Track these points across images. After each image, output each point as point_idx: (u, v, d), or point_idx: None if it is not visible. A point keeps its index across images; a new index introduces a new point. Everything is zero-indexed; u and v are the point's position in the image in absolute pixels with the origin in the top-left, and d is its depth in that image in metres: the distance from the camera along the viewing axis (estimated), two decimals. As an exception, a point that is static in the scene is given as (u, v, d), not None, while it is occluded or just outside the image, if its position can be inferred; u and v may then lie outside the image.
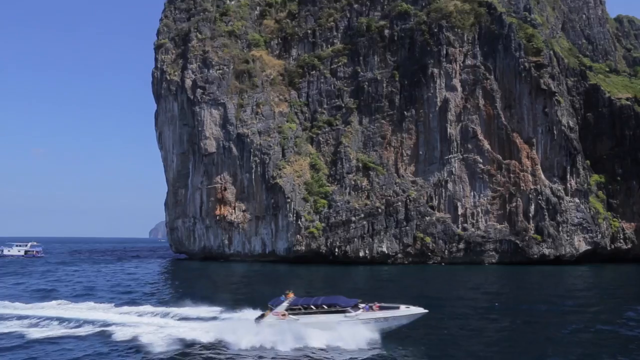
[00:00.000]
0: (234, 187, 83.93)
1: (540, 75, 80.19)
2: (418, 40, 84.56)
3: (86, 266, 76.43)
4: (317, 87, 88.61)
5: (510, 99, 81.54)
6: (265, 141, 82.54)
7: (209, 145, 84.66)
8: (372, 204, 79.12)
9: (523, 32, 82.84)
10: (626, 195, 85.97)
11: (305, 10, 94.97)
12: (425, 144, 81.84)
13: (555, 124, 79.69)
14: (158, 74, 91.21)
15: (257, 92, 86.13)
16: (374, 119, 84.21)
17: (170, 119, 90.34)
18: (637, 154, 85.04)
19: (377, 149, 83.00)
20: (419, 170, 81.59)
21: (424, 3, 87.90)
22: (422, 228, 78.06)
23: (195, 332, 24.92)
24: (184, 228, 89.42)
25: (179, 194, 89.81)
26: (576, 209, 78.96)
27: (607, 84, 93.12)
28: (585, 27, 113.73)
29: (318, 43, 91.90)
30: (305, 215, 78.23)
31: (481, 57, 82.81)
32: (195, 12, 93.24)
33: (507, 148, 79.92)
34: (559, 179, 79.88)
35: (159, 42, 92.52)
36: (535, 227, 77.11)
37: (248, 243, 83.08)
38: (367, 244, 77.39)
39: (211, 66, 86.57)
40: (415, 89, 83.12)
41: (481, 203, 78.90)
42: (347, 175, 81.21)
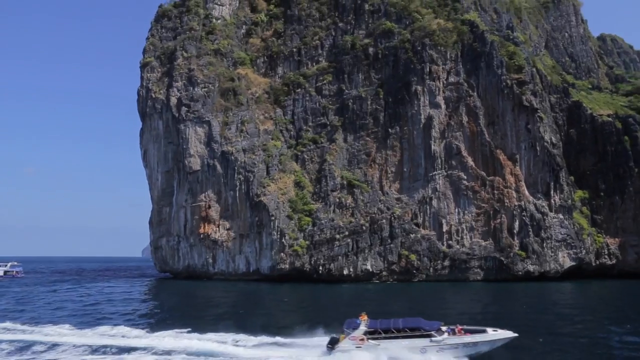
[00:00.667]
0: (218, 205, 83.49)
1: (523, 92, 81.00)
2: (402, 58, 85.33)
3: (65, 286, 75.29)
4: (303, 104, 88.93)
5: (493, 115, 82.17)
6: (250, 159, 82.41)
7: (194, 163, 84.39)
8: (357, 221, 78.86)
9: (505, 49, 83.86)
10: (610, 210, 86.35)
11: (291, 28, 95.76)
12: (410, 160, 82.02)
13: (538, 140, 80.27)
14: (143, 92, 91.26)
15: (242, 110, 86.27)
16: (359, 137, 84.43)
17: (155, 137, 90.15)
18: (619, 169, 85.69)
19: (361, 166, 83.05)
20: (404, 187, 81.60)
21: (408, 22, 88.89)
22: (407, 245, 77.78)
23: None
24: (168, 247, 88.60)
25: (163, 212, 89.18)
26: (560, 225, 79.14)
27: (590, 100, 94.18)
28: (568, 45, 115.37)
29: (303, 61, 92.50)
30: (289, 233, 77.78)
31: (464, 74, 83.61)
32: (182, 31, 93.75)
33: (490, 164, 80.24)
34: (543, 195, 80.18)
35: (145, 60, 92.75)
36: (519, 243, 77.07)
37: (232, 262, 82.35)
38: (351, 261, 76.92)
39: (196, 84, 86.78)
40: (399, 107, 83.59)
41: (466, 220, 78.86)
42: (331, 193, 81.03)
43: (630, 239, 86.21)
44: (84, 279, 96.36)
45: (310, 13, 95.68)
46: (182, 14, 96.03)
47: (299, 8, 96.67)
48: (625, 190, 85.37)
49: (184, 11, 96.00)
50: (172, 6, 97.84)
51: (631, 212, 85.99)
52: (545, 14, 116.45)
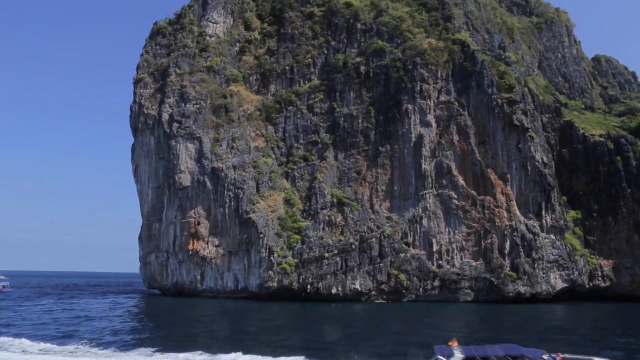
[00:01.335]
0: (207, 221, 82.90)
1: (513, 111, 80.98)
2: (393, 76, 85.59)
3: (50, 301, 74.38)
4: (294, 122, 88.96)
5: (484, 134, 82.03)
6: (240, 176, 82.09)
7: (184, 179, 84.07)
8: (346, 240, 78.15)
9: (495, 69, 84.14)
10: (603, 231, 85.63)
11: (284, 47, 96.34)
12: (400, 179, 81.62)
13: (529, 160, 79.96)
14: (136, 108, 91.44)
15: (234, 126, 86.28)
16: (349, 155, 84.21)
17: (147, 152, 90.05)
18: (612, 190, 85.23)
19: (352, 184, 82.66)
20: (394, 206, 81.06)
21: (400, 41, 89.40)
22: (397, 265, 76.94)
23: None
24: (157, 263, 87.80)
25: (152, 228, 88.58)
26: (552, 246, 78.37)
27: (582, 120, 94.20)
28: (561, 66, 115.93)
29: (296, 79, 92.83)
30: (277, 251, 77.03)
31: (455, 93, 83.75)
32: (175, 48, 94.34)
33: (481, 184, 79.81)
34: (534, 215, 79.56)
35: (138, 76, 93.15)
36: (510, 264, 76.21)
37: (220, 279, 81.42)
38: (339, 280, 76.00)
39: (188, 100, 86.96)
40: (390, 125, 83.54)
41: (456, 239, 78.13)
42: (321, 211, 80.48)
43: (624, 260, 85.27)
44: (71, 294, 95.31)
45: (303, 31, 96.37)
46: (176, 31, 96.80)
47: (292, 26, 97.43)
48: (618, 211, 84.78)
49: (178, 28, 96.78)
50: (167, 23, 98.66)
51: (624, 234, 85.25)
52: (538, 34, 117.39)
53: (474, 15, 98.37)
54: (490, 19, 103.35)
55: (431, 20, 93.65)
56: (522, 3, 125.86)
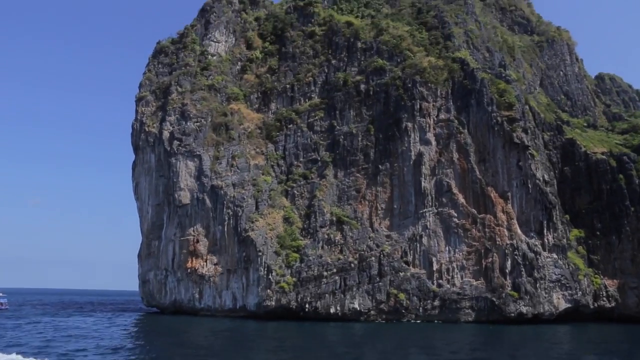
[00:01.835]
0: (206, 239, 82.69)
1: (513, 129, 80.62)
2: (393, 95, 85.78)
3: (46, 319, 73.99)
4: (294, 140, 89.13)
5: (484, 152, 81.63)
6: (239, 193, 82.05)
7: (183, 196, 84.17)
8: (345, 258, 77.50)
9: (495, 87, 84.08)
10: (607, 250, 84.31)
11: (285, 65, 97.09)
12: (400, 197, 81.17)
13: (530, 178, 79.28)
14: (137, 126, 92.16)
15: (234, 144, 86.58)
16: (349, 173, 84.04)
17: (147, 170, 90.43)
18: (615, 208, 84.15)
19: (351, 202, 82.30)
20: (394, 225, 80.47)
21: (399, 59, 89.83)
22: (396, 284, 76.01)
23: None
24: (156, 281, 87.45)
25: (152, 246, 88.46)
26: (554, 265, 77.18)
27: (584, 138, 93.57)
28: (563, 84, 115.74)
29: (296, 97, 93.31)
30: (276, 270, 76.46)
31: (455, 111, 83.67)
32: (177, 67, 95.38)
33: (482, 202, 79.13)
34: (536, 234, 78.57)
35: (140, 94, 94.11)
36: (512, 283, 75.01)
37: (219, 297, 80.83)
38: (338, 300, 75.11)
39: (189, 118, 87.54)
40: (389, 143, 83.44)
41: (456, 258, 77.23)
42: (320, 229, 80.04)
43: (630, 280, 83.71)
44: (67, 311, 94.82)
45: (304, 50, 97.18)
46: (178, 50, 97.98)
47: (294, 45, 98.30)
48: (622, 229, 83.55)
49: (181, 47, 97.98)
50: (170, 42, 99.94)
51: (629, 253, 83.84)
52: (540, 53, 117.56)
53: (474, 34, 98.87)
54: (490, 37, 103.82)
55: (431, 39, 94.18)
56: (524, 22, 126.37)
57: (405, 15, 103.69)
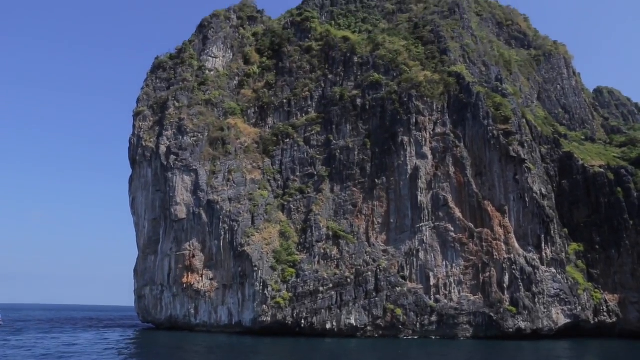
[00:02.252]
0: (202, 254, 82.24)
1: (509, 142, 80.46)
2: (389, 109, 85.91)
3: (39, 335, 73.29)
4: (291, 155, 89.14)
5: (480, 166, 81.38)
6: (235, 208, 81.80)
7: (180, 211, 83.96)
8: (342, 273, 76.91)
9: (491, 100, 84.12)
10: (606, 264, 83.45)
11: (282, 80, 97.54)
12: (397, 212, 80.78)
13: (527, 191, 78.87)
14: (135, 140, 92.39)
15: (230, 159, 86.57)
16: (346, 187, 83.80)
17: (144, 184, 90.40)
18: (613, 221, 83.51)
19: (348, 217, 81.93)
20: (391, 239, 79.97)
21: (396, 73, 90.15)
22: (393, 299, 75.26)
23: None
24: (152, 296, 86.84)
25: (148, 261, 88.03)
26: (552, 280, 76.40)
27: (581, 151, 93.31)
28: (560, 97, 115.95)
29: (293, 112, 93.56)
30: (272, 285, 75.86)
31: (451, 125, 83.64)
32: (175, 82, 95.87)
33: (479, 216, 78.63)
34: (534, 248, 77.94)
35: (138, 109, 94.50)
36: (510, 298, 74.19)
37: (214, 313, 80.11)
38: (334, 315, 74.35)
39: (186, 133, 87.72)
40: (386, 157, 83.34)
41: (454, 273, 76.53)
42: (316, 244, 79.58)
43: (630, 295, 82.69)
44: (62, 328, 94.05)
45: (302, 65, 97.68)
46: (176, 65, 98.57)
47: (291, 60, 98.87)
48: (622, 243, 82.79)
49: (179, 63, 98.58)
50: (168, 58, 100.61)
51: (629, 267, 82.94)
52: (537, 67, 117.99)
53: (470, 48, 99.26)
54: (487, 51, 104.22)
55: (427, 53, 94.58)
56: (520, 37, 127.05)
57: (402, 30, 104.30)
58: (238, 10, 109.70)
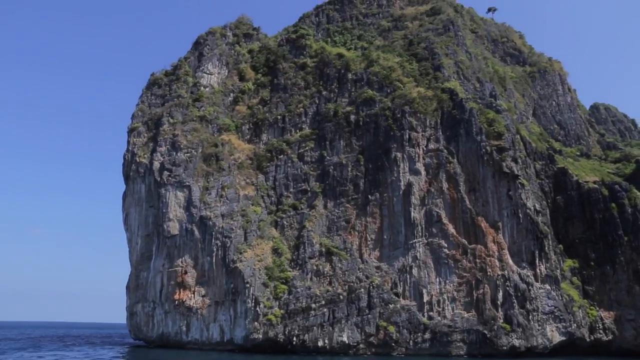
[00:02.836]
0: (194, 270, 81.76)
1: (502, 158, 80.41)
2: (382, 125, 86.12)
3: (26, 354, 72.43)
4: (284, 171, 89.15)
5: (474, 182, 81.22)
6: (228, 224, 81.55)
7: (172, 227, 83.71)
8: (334, 290, 76.32)
9: (484, 116, 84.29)
10: (602, 281, 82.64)
11: (277, 96, 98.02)
12: (390, 228, 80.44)
13: (520, 207, 78.59)
14: (129, 156, 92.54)
15: (223, 175, 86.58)
16: (339, 203, 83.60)
17: (137, 200, 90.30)
18: (608, 237, 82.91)
19: (341, 233, 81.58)
20: (384, 255, 79.51)
21: (389, 90, 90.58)
22: (386, 316, 74.54)
23: None
24: (143, 313, 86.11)
25: (140, 277, 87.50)
26: (547, 296, 75.69)
27: (576, 167, 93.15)
28: (556, 113, 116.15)
29: (287, 128, 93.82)
30: (264, 302, 75.25)
31: (444, 141, 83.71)
32: (170, 98, 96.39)
33: (472, 232, 78.26)
34: (528, 264, 77.40)
35: (132, 125, 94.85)
36: (504, 315, 73.44)
37: (206, 330, 79.32)
38: (326, 332, 73.56)
39: (179, 149, 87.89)
40: (379, 173, 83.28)
41: (447, 290, 75.88)
42: (309, 260, 79.12)
43: (626, 312, 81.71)
44: (54, 345, 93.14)
45: (296, 82, 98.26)
46: (171, 82, 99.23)
47: (285, 77, 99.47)
48: (616, 259, 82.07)
49: (174, 79, 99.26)
50: (163, 74, 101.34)
51: (624, 284, 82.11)
52: (532, 83, 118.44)
53: (464, 64, 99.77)
54: (481, 68, 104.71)
55: (421, 69, 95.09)
56: (516, 53, 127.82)
57: (397, 47, 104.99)
58: (234, 28, 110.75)
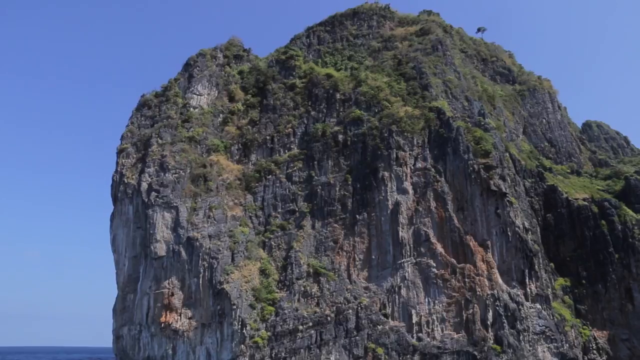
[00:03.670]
0: (181, 292, 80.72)
1: (490, 176, 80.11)
2: (370, 144, 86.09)
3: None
4: (273, 191, 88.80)
5: (462, 200, 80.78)
6: (215, 245, 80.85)
7: (159, 248, 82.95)
8: (322, 311, 75.26)
9: (471, 135, 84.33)
10: (594, 299, 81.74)
11: (266, 117, 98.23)
12: (378, 248, 79.75)
13: (509, 225, 77.97)
14: (117, 177, 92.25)
15: (211, 195, 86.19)
16: (327, 223, 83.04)
17: (125, 221, 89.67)
18: (599, 255, 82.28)
19: (329, 253, 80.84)
20: (372, 276, 78.64)
21: (377, 109, 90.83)
22: (374, 338, 73.32)
23: None
24: (130, 336, 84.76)
25: (127, 299, 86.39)
26: (538, 316, 74.58)
27: (565, 184, 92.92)
28: (546, 131, 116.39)
29: (276, 148, 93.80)
30: (250, 324, 74.15)
31: (431, 159, 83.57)
32: (159, 119, 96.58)
33: (461, 251, 77.51)
34: (518, 283, 76.45)
35: (121, 146, 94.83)
36: (494, 336, 72.26)
37: (192, 353, 77.90)
38: (314, 355, 72.28)
39: (167, 170, 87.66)
40: (367, 193, 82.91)
41: (436, 310, 74.81)
42: (296, 281, 78.24)
43: (620, 332, 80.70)
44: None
45: (285, 102, 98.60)
46: (161, 103, 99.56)
47: (275, 97, 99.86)
48: (608, 277, 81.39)
49: (164, 100, 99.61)
50: (154, 95, 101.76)
51: (617, 302, 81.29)
52: (522, 101, 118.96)
53: (453, 83, 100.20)
54: (470, 87, 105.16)
55: (409, 89, 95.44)
56: (505, 72, 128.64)
57: (386, 67, 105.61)
58: (224, 49, 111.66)
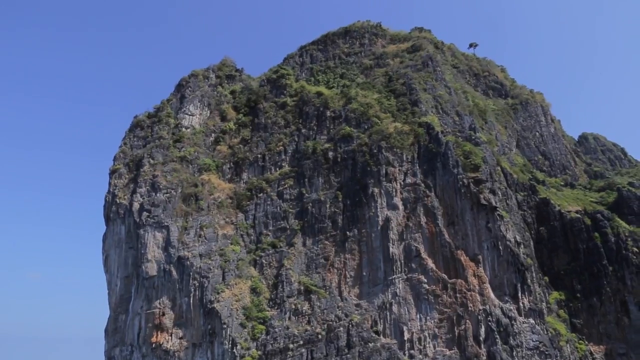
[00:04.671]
0: (172, 312, 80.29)
1: (480, 190, 79.92)
2: (359, 161, 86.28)
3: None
4: (264, 209, 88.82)
5: (452, 215, 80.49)
6: (206, 264, 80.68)
7: (150, 268, 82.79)
8: (313, 329, 74.61)
9: (461, 149, 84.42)
10: (589, 313, 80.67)
11: (257, 136, 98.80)
12: (369, 264, 79.32)
13: (500, 239, 77.52)
14: (109, 198, 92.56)
15: (202, 214, 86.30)
16: (318, 240, 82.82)
17: (117, 242, 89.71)
18: (593, 268, 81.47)
19: (320, 270, 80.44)
20: (363, 293, 78.07)
21: (367, 126, 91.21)
22: (366, 356, 72.42)
23: None
24: (121, 357, 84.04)
25: (119, 320, 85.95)
26: (531, 331, 73.64)
27: (558, 197, 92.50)
28: (540, 144, 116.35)
29: (267, 166, 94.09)
30: (241, 343, 73.54)
31: (421, 175, 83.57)
32: (151, 139, 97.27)
33: (452, 266, 76.99)
34: (511, 298, 75.74)
35: (114, 167, 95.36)
36: (487, 352, 71.28)
37: (183, 375, 77.22)
38: (304, 374, 71.49)
39: (159, 190, 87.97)
40: (357, 209, 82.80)
41: (428, 326, 74.02)
42: (287, 299, 77.74)
43: (617, 346, 79.39)
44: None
45: (276, 121, 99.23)
46: (154, 123, 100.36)
47: (266, 116, 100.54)
48: (602, 290, 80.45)
49: (156, 121, 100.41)
50: (146, 116, 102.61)
51: (613, 315, 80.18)
52: (514, 115, 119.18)
53: (443, 99, 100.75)
54: (461, 102, 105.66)
55: (399, 105, 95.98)
56: (498, 86, 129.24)
57: (377, 84, 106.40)
58: (217, 70, 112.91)
